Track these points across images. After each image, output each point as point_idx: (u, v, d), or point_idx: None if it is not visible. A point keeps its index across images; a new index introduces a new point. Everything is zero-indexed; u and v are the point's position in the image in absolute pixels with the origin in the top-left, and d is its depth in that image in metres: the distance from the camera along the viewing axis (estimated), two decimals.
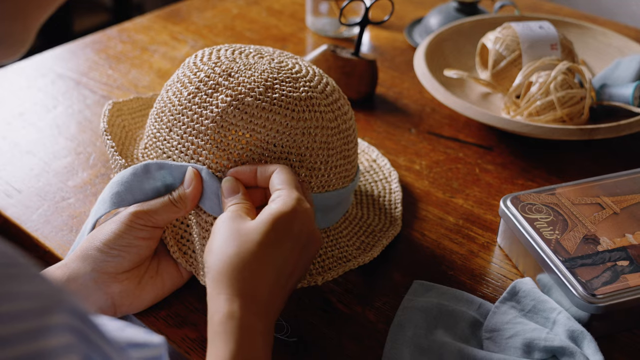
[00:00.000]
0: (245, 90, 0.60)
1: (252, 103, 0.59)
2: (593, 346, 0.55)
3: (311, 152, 0.61)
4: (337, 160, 0.63)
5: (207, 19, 1.15)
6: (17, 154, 0.81)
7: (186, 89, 0.62)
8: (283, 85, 0.61)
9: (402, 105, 0.93)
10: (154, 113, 0.65)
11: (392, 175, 0.76)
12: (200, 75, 0.62)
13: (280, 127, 0.59)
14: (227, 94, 0.60)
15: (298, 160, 0.61)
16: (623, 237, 0.62)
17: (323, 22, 1.10)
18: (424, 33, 1.08)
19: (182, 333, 0.59)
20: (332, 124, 0.62)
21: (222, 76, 0.61)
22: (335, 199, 0.64)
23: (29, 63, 1.00)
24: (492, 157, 0.82)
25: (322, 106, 0.62)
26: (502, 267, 0.67)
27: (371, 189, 0.74)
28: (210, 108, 0.60)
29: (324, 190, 0.63)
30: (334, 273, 0.62)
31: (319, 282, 0.60)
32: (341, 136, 0.63)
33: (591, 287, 0.57)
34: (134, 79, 0.97)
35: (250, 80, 0.60)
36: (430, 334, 0.58)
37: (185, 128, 0.61)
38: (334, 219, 0.66)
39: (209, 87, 0.61)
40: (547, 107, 0.81)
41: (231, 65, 0.62)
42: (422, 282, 0.63)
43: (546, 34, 0.89)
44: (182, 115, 0.61)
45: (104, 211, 0.60)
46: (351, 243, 0.65)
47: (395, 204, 0.72)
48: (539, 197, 0.67)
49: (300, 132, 0.60)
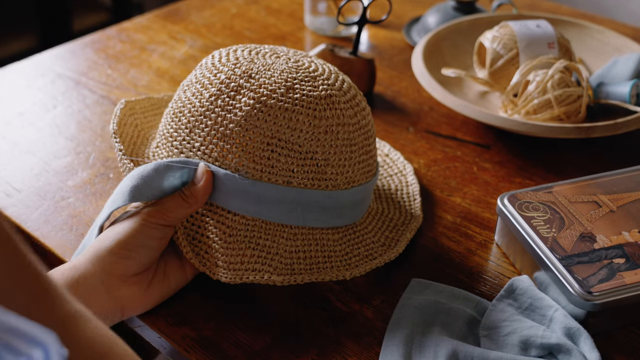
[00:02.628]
0: (267, 92, 0.60)
1: (275, 105, 0.60)
2: (589, 343, 0.56)
3: (335, 149, 0.62)
4: (360, 156, 0.64)
5: (205, 18, 1.15)
6: (16, 153, 0.82)
7: (207, 91, 0.62)
8: (303, 85, 0.62)
9: (400, 104, 0.93)
10: (170, 113, 0.65)
11: (407, 168, 0.78)
12: (221, 77, 0.62)
13: (304, 126, 0.60)
14: (249, 97, 0.60)
15: (323, 159, 0.61)
16: (619, 235, 0.63)
17: (321, 21, 1.10)
18: (422, 32, 1.09)
19: (181, 332, 0.60)
20: (352, 120, 0.63)
21: (242, 78, 0.61)
22: (361, 194, 0.65)
23: (28, 63, 1.01)
24: (489, 156, 0.82)
25: (341, 103, 0.63)
26: (499, 265, 0.67)
27: (388, 183, 0.76)
28: (234, 112, 0.60)
29: (350, 187, 0.64)
30: (362, 269, 0.63)
31: (347, 276, 0.62)
32: (362, 132, 0.64)
33: (587, 285, 0.58)
34: (133, 78, 0.97)
35: (271, 81, 0.61)
36: (428, 331, 0.58)
37: (209, 130, 0.61)
38: (359, 215, 0.66)
39: (231, 90, 0.61)
40: (544, 105, 0.81)
41: (250, 66, 0.62)
42: (419, 280, 0.63)
43: (543, 32, 0.90)
44: (204, 118, 0.61)
45: (122, 204, 0.59)
46: (376, 239, 0.66)
47: (414, 195, 0.74)
48: (536, 195, 0.67)
49: (323, 130, 0.61)
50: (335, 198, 0.62)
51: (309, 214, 0.62)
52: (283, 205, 0.61)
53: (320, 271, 0.61)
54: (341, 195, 0.63)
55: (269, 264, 0.60)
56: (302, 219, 0.62)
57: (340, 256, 0.63)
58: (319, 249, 0.62)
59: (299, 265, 0.61)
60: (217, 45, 1.06)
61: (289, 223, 0.61)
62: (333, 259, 0.63)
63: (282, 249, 0.61)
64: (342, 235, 0.64)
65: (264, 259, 0.60)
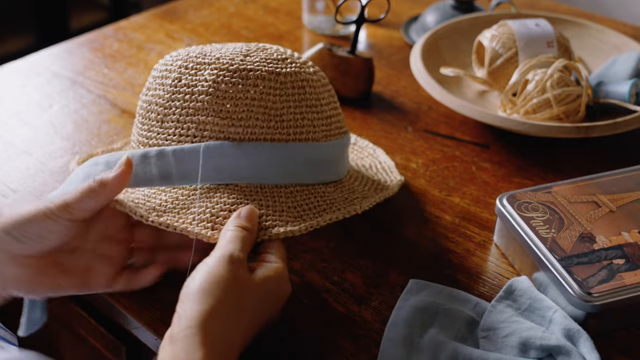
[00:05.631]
0: (227, 61, 0.63)
1: (239, 68, 0.62)
2: (589, 345, 0.55)
3: (306, 102, 0.64)
4: (330, 111, 0.67)
5: (203, 17, 1.14)
6: (12, 154, 0.81)
7: (168, 79, 0.63)
8: (257, 53, 0.65)
9: (398, 104, 0.92)
10: (139, 118, 0.66)
11: (377, 151, 0.81)
12: (178, 63, 0.64)
13: (271, 83, 0.62)
14: (212, 68, 0.62)
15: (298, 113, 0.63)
16: (619, 235, 0.62)
17: (319, 20, 1.10)
18: (420, 31, 1.08)
19: None
20: (314, 77, 0.66)
21: (198, 57, 0.64)
22: (339, 149, 0.67)
23: (24, 62, 1.00)
24: (488, 155, 0.82)
25: (299, 64, 0.66)
26: (498, 265, 0.67)
27: (362, 164, 0.77)
28: (201, 84, 0.62)
29: (327, 140, 0.66)
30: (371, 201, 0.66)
31: (358, 210, 0.63)
32: (326, 88, 0.67)
33: (587, 286, 0.57)
34: (130, 77, 0.97)
35: (227, 54, 0.64)
36: (426, 333, 0.58)
37: (180, 111, 0.62)
38: (343, 171, 0.69)
39: (191, 69, 0.63)
40: (543, 105, 0.81)
41: (202, 50, 0.65)
42: (418, 281, 0.63)
43: (542, 31, 0.89)
44: (172, 101, 0.62)
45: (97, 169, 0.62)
46: (367, 188, 0.69)
47: (391, 168, 0.77)
48: (535, 195, 0.67)
49: (290, 86, 0.63)
50: (317, 150, 0.64)
51: (298, 168, 0.63)
52: (271, 162, 0.61)
53: (331, 213, 0.62)
54: (322, 147, 0.64)
55: (279, 219, 0.60)
56: (292, 175, 0.62)
57: (342, 200, 0.65)
58: (319, 198, 0.63)
59: (307, 214, 0.61)
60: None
61: (281, 182, 0.62)
62: (337, 203, 0.64)
63: (285, 206, 0.61)
64: (334, 188, 0.66)
65: (272, 217, 0.59)
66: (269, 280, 0.54)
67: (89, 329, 0.70)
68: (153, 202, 0.59)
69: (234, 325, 0.51)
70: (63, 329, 0.76)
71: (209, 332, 0.49)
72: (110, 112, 0.89)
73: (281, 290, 0.56)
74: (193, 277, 0.52)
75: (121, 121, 0.87)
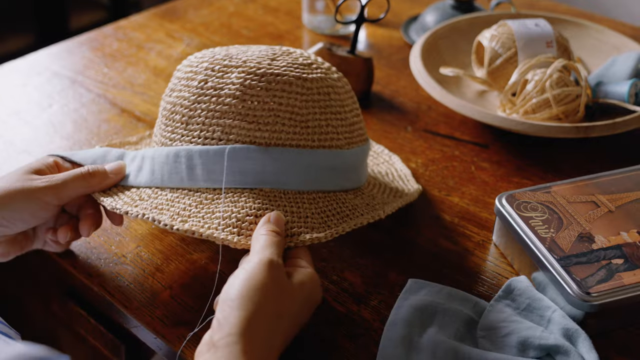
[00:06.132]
0: (254, 64, 0.62)
1: (266, 72, 0.61)
2: (588, 344, 0.56)
3: (331, 109, 0.63)
4: (353, 118, 0.66)
5: (203, 17, 1.15)
6: (12, 152, 0.81)
7: (194, 80, 0.63)
8: (283, 57, 0.64)
9: (398, 103, 0.93)
10: (162, 119, 0.65)
11: (393, 158, 0.80)
12: (204, 65, 0.63)
13: (297, 89, 0.62)
14: (239, 71, 0.62)
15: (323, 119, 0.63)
16: (618, 235, 0.62)
17: (319, 19, 1.10)
18: (420, 31, 1.08)
19: (177, 332, 0.59)
20: (338, 83, 0.65)
21: (225, 60, 0.63)
22: (361, 155, 0.67)
23: (24, 61, 1.00)
24: (488, 155, 0.82)
25: (324, 69, 0.65)
26: (497, 265, 0.67)
27: (378, 170, 0.77)
28: (228, 87, 0.61)
29: (351, 147, 0.65)
30: (394, 206, 0.66)
31: (382, 215, 0.64)
32: (349, 95, 0.67)
33: (586, 286, 0.57)
34: (130, 77, 0.97)
35: (253, 57, 0.63)
36: (425, 332, 0.58)
37: (206, 114, 0.61)
38: (363, 178, 0.68)
39: (218, 71, 0.62)
40: (542, 104, 0.81)
41: (228, 53, 0.65)
42: (417, 280, 0.63)
43: (542, 31, 0.89)
44: (198, 103, 0.62)
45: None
46: (386, 195, 0.69)
47: (407, 177, 0.76)
48: (534, 195, 0.67)
49: (316, 92, 0.63)
50: (340, 157, 0.63)
51: (320, 175, 0.62)
52: (296, 168, 0.61)
53: (355, 218, 0.62)
54: (345, 155, 0.64)
55: (304, 226, 0.59)
56: (314, 181, 0.62)
57: (364, 206, 0.64)
58: (341, 204, 0.63)
59: (331, 220, 0.61)
60: (214, 43, 1.06)
61: (304, 188, 0.61)
62: (359, 209, 0.63)
63: (309, 212, 0.61)
64: (354, 195, 0.65)
65: (297, 223, 0.59)
66: (305, 286, 0.54)
67: (89, 328, 0.70)
68: (177, 206, 0.59)
69: (274, 330, 0.51)
70: (63, 328, 0.77)
71: (250, 339, 0.48)
72: (109, 112, 0.89)
73: (315, 296, 0.56)
74: (232, 283, 0.52)
75: (121, 120, 0.87)
